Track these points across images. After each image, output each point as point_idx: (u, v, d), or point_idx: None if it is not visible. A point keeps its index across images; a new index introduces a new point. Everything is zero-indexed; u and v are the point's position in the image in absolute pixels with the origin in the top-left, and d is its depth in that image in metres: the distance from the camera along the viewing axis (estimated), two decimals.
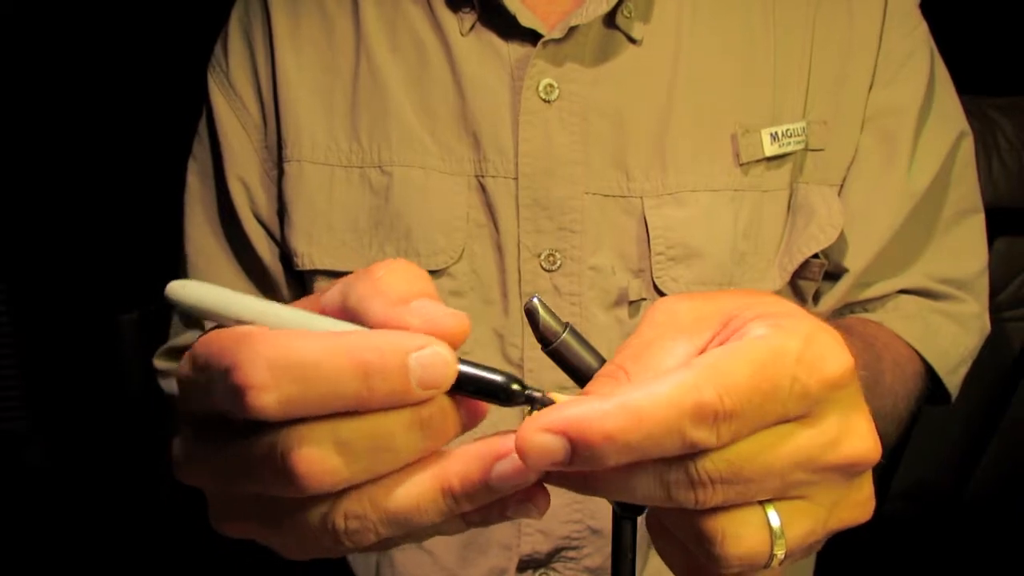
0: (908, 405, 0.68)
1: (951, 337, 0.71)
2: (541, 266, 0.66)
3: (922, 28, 0.71)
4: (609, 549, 0.39)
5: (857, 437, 0.30)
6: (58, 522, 1.78)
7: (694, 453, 0.28)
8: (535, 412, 0.29)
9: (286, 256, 0.71)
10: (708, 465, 0.28)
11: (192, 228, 0.75)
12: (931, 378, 0.71)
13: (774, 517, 0.29)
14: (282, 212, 0.70)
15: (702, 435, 0.27)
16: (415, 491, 0.29)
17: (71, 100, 1.80)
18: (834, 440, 0.29)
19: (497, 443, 0.29)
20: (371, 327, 0.29)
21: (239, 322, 0.29)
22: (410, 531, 0.30)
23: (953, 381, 0.72)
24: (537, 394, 0.30)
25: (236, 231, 0.73)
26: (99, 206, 1.81)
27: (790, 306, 0.31)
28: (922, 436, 1.47)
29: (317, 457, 0.27)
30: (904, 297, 0.72)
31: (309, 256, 0.68)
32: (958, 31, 0.72)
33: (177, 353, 0.77)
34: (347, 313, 0.30)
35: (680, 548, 0.32)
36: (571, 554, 0.68)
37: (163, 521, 1.62)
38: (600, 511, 0.67)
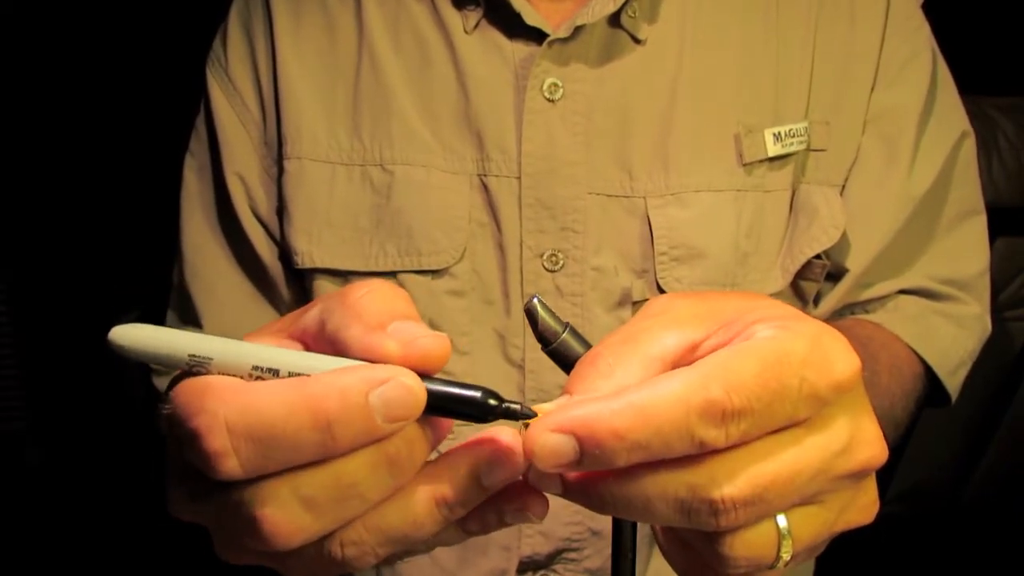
0: (906, 406, 0.67)
1: (951, 338, 0.71)
2: (543, 266, 0.66)
3: (924, 29, 0.71)
4: (609, 551, 0.39)
5: (867, 442, 0.30)
6: (58, 522, 1.78)
7: (713, 480, 0.27)
8: (536, 419, 0.28)
9: (286, 254, 0.70)
10: (732, 492, 0.28)
11: (189, 225, 0.74)
12: (931, 380, 0.71)
13: (782, 520, 0.29)
14: (282, 210, 0.70)
15: (711, 433, 0.27)
16: (409, 508, 0.29)
17: (71, 99, 1.80)
18: (846, 447, 0.29)
19: (483, 442, 0.29)
20: (350, 355, 0.29)
21: (194, 359, 0.29)
22: (410, 546, 0.30)
23: (953, 383, 0.71)
24: (515, 407, 0.29)
25: (234, 228, 0.72)
26: (99, 206, 1.81)
27: (792, 310, 0.31)
28: (922, 436, 1.47)
29: (282, 516, 0.27)
30: (904, 298, 0.71)
31: (309, 255, 0.68)
32: (958, 31, 0.72)
33: None
34: (325, 339, 0.29)
35: (684, 546, 0.32)
36: (571, 556, 0.68)
37: (163, 521, 1.61)
38: None
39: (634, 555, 0.39)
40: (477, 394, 0.28)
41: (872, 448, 0.30)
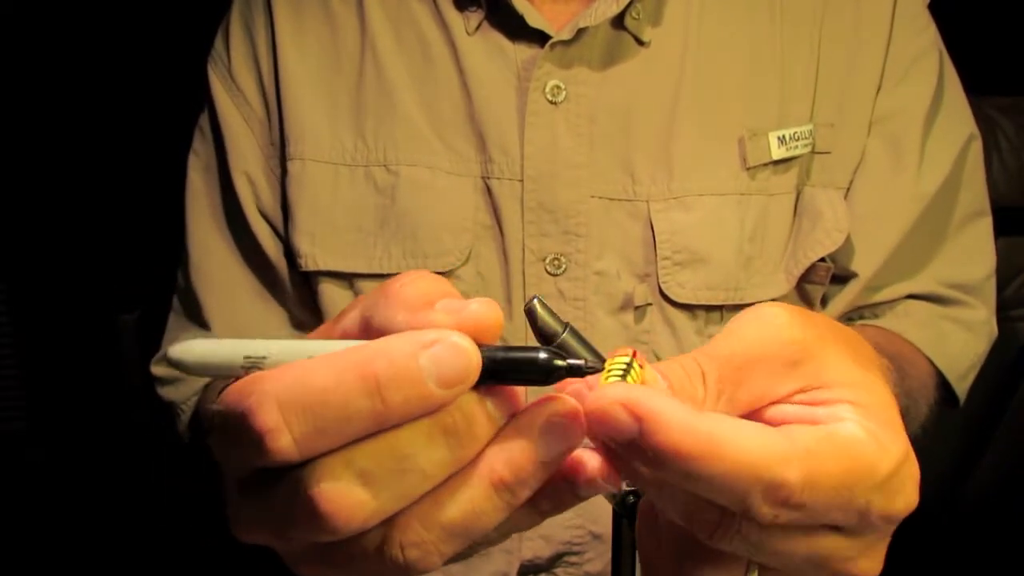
0: (925, 423, 0.68)
1: (961, 344, 0.71)
2: (546, 270, 0.66)
3: (931, 30, 0.70)
4: (610, 554, 0.39)
5: (873, 560, 0.30)
6: (58, 522, 1.78)
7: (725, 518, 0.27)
8: (616, 384, 0.26)
9: (290, 256, 0.70)
10: (744, 531, 0.27)
11: (195, 226, 0.74)
12: (941, 384, 0.71)
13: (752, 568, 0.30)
14: (285, 211, 0.69)
15: (764, 510, 0.26)
16: (466, 495, 0.26)
17: (71, 99, 1.79)
18: (855, 557, 0.29)
19: (538, 411, 0.27)
20: None
21: (249, 360, 0.28)
22: (477, 538, 0.28)
23: (962, 387, 0.72)
24: (580, 362, 0.27)
25: (241, 228, 0.72)
26: (100, 206, 1.80)
27: (886, 406, 0.29)
28: (922, 436, 1.47)
29: (339, 493, 0.25)
30: (914, 303, 0.71)
31: (313, 257, 0.67)
32: (960, 31, 0.72)
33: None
34: (371, 333, 0.28)
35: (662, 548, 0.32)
36: (572, 559, 0.68)
37: (163, 521, 1.61)
38: (602, 516, 0.67)
39: (634, 558, 0.39)
40: (538, 354, 0.26)
41: (872, 566, 0.30)
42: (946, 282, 0.71)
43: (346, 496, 0.25)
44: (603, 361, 0.34)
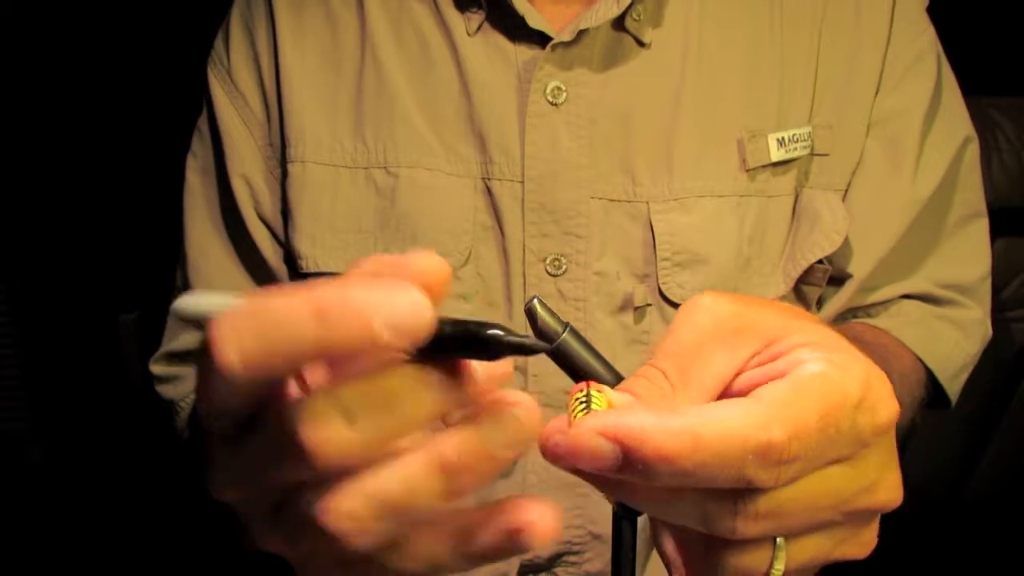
0: (911, 416, 0.68)
1: (953, 343, 0.71)
2: (546, 271, 0.66)
3: (929, 32, 0.71)
4: (610, 554, 0.39)
5: (890, 485, 0.31)
6: (59, 522, 1.78)
7: (741, 499, 0.28)
8: (588, 416, 0.27)
9: (290, 258, 0.70)
10: (758, 506, 0.28)
11: (193, 227, 0.74)
12: (932, 383, 0.71)
13: (780, 540, 0.30)
14: (286, 213, 0.69)
15: (763, 476, 0.27)
16: (407, 472, 0.26)
17: (72, 99, 1.79)
18: (870, 486, 0.30)
19: (493, 407, 0.27)
20: None
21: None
22: (406, 521, 0.27)
23: (953, 388, 0.72)
24: (526, 340, 0.26)
25: (239, 230, 0.72)
26: (100, 206, 1.81)
27: (834, 337, 0.31)
28: (922, 436, 1.47)
29: (322, 424, 0.25)
30: (907, 302, 0.72)
31: (313, 258, 0.68)
32: (959, 31, 0.72)
33: (174, 358, 0.76)
34: None
35: (679, 545, 0.32)
36: (572, 559, 0.68)
37: (163, 521, 1.61)
38: (602, 516, 0.67)
39: (634, 555, 0.39)
40: (486, 327, 0.26)
41: (893, 492, 0.31)
42: (940, 282, 0.72)
43: (328, 428, 0.25)
44: (602, 361, 0.35)
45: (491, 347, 0.26)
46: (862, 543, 0.32)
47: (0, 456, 1.89)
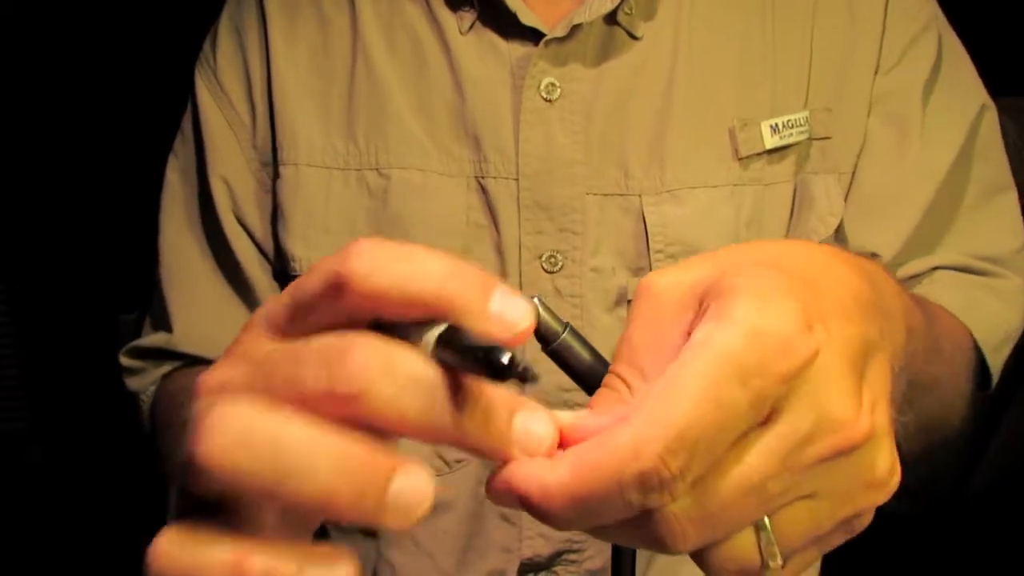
0: (968, 379, 0.63)
1: (994, 311, 0.66)
2: (542, 268, 0.66)
3: (929, 7, 0.69)
4: (610, 551, 0.39)
5: (835, 422, 0.26)
6: (59, 522, 1.78)
7: (662, 514, 0.26)
8: (497, 469, 0.27)
9: (282, 261, 0.70)
10: (676, 512, 0.25)
11: (168, 226, 0.74)
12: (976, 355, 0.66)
13: (766, 520, 0.27)
14: (277, 216, 0.69)
15: (655, 499, 0.25)
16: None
17: (71, 99, 1.80)
18: (809, 434, 0.26)
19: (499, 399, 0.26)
20: None
21: None
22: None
23: (996, 361, 0.66)
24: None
25: (214, 231, 0.72)
26: (100, 206, 1.81)
27: (762, 276, 0.27)
28: (922, 435, 1.47)
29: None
30: (941, 272, 0.67)
31: (308, 260, 0.67)
32: (962, 31, 0.72)
33: (141, 353, 0.75)
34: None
35: None
36: (572, 557, 0.68)
37: (162, 520, 1.62)
38: None
39: (634, 555, 0.39)
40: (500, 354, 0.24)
41: (841, 428, 0.26)
42: (972, 253, 0.67)
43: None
44: (602, 361, 0.35)
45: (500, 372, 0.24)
46: (868, 486, 0.28)
47: (0, 456, 1.89)
